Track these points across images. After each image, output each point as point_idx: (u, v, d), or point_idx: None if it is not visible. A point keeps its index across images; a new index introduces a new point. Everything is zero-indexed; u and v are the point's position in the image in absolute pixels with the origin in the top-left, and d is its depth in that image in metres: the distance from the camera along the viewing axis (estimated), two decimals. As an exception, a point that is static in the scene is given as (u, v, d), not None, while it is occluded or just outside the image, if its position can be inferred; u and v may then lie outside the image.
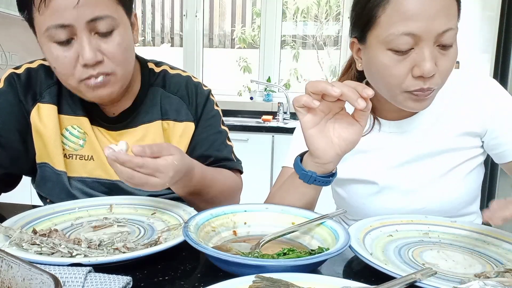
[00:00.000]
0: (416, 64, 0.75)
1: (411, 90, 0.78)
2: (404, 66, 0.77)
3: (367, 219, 0.78)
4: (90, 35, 0.78)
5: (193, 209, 0.79)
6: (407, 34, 0.74)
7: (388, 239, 0.74)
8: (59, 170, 0.91)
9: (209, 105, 1.00)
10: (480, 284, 0.48)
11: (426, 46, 0.74)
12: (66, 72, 0.80)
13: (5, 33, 2.76)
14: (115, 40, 0.80)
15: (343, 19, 3.28)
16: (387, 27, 0.76)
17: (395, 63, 0.77)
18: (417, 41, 0.74)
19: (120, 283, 0.53)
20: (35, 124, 0.90)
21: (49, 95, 0.91)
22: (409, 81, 0.77)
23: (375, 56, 0.79)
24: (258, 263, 0.54)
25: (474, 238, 0.75)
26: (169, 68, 1.01)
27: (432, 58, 0.75)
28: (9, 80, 0.90)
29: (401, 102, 0.82)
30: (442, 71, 0.77)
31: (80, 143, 0.92)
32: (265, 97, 3.34)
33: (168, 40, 4.42)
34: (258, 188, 2.88)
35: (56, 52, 0.78)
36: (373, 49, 0.80)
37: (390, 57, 0.77)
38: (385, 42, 0.76)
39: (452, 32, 0.75)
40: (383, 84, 0.82)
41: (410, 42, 0.75)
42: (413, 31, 0.73)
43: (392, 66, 0.77)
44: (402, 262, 0.67)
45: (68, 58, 0.78)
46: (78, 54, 0.78)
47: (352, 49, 0.88)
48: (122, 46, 0.81)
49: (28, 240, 0.63)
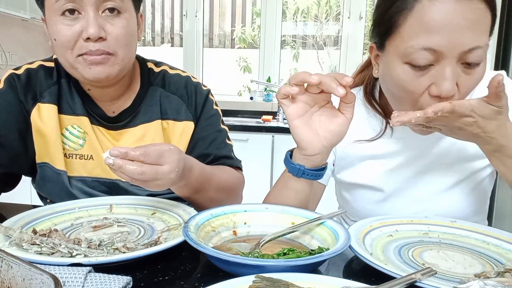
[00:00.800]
0: (435, 82, 0.69)
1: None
2: (421, 83, 0.70)
3: (367, 219, 0.78)
4: (97, 13, 0.80)
5: (193, 209, 0.79)
6: (427, 49, 0.67)
7: (388, 239, 0.74)
8: (59, 170, 0.92)
9: (209, 104, 1.01)
10: (480, 284, 0.48)
11: (448, 63, 0.67)
12: (66, 45, 0.81)
13: (5, 33, 2.76)
14: (119, 23, 0.83)
15: (343, 19, 3.28)
16: (406, 39, 0.69)
17: (412, 78, 0.70)
18: (438, 58, 0.68)
19: (120, 283, 0.53)
20: (35, 123, 0.90)
21: (49, 95, 0.91)
22: (425, 99, 0.71)
23: (392, 67, 0.73)
24: (258, 263, 0.54)
25: (474, 238, 0.75)
26: (168, 68, 1.01)
27: (454, 78, 0.68)
28: (9, 80, 0.90)
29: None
30: (463, 92, 0.70)
31: (80, 142, 0.93)
32: (265, 97, 3.34)
33: (168, 40, 4.42)
34: (258, 188, 2.88)
35: (61, 25, 0.80)
36: (390, 60, 0.74)
37: (407, 71, 0.71)
38: (403, 54, 0.70)
39: (481, 50, 0.67)
40: (398, 99, 0.77)
41: (430, 58, 0.68)
42: (434, 47, 0.67)
43: (408, 82, 0.71)
44: (402, 262, 0.67)
45: (72, 31, 0.80)
46: (83, 30, 0.80)
47: (371, 54, 0.82)
48: (126, 29, 0.83)
49: (28, 240, 0.63)
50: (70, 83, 0.93)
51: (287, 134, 2.73)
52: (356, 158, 0.92)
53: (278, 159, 2.76)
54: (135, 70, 0.96)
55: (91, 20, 0.79)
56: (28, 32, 2.97)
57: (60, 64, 0.93)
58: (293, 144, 0.78)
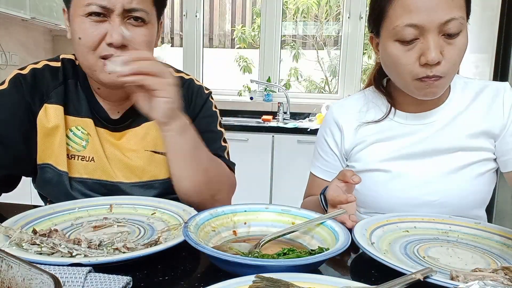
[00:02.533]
0: (422, 53, 0.81)
1: (419, 78, 0.83)
2: (411, 55, 0.83)
3: (385, 214, 0.81)
4: (122, 20, 0.82)
5: (193, 209, 0.79)
6: (410, 25, 0.81)
7: (402, 234, 0.75)
8: (61, 170, 0.91)
9: (208, 105, 1.02)
10: (480, 284, 0.48)
11: (430, 35, 0.80)
12: (90, 45, 0.82)
13: (5, 33, 2.76)
14: (143, 31, 0.84)
15: (343, 19, 3.28)
16: (393, 20, 0.83)
17: (402, 53, 0.84)
18: (421, 32, 0.81)
19: (120, 283, 0.53)
20: (42, 125, 0.90)
21: (56, 95, 0.91)
22: (417, 68, 0.83)
23: (387, 47, 0.86)
24: (258, 263, 0.54)
25: (494, 240, 0.74)
26: (173, 71, 1.01)
27: (437, 47, 0.80)
28: (15, 81, 0.90)
29: (413, 91, 0.87)
30: (448, 59, 0.82)
31: (83, 144, 0.93)
32: (265, 97, 3.34)
33: (168, 40, 4.42)
34: (258, 188, 2.89)
35: (87, 25, 0.81)
36: (385, 41, 0.87)
37: (398, 47, 0.84)
38: (392, 34, 0.84)
39: (456, 21, 0.80)
40: (396, 74, 0.89)
41: (414, 33, 0.81)
42: (415, 23, 0.80)
43: (400, 56, 0.84)
44: (404, 254, 0.67)
45: (97, 33, 0.81)
46: (107, 33, 0.81)
47: (372, 44, 0.95)
48: (148, 38, 0.85)
49: (28, 240, 0.63)
50: (77, 84, 0.93)
51: (287, 134, 2.73)
52: (363, 146, 0.98)
53: (278, 159, 2.76)
54: None
55: (116, 26, 0.81)
56: (28, 32, 2.97)
57: (66, 65, 0.93)
58: (293, 144, 0.80)
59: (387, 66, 0.91)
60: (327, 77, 3.88)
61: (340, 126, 1.01)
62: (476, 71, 2.57)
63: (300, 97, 3.46)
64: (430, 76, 0.82)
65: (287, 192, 2.68)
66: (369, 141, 0.97)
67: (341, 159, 1.03)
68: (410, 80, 0.85)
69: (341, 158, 1.03)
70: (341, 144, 1.01)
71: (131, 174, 0.94)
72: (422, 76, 0.83)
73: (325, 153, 1.04)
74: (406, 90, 0.90)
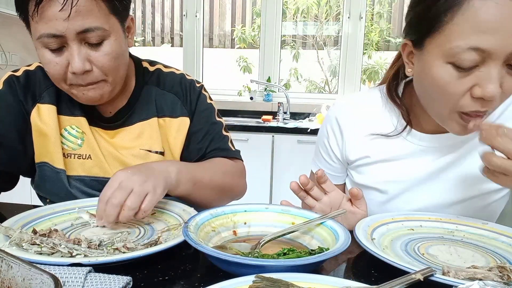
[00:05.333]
0: (478, 84, 0.66)
1: (465, 111, 0.70)
2: (464, 84, 0.68)
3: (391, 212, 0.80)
4: (81, 44, 0.80)
5: (193, 209, 0.79)
6: (476, 49, 0.64)
7: (406, 232, 0.75)
8: (58, 168, 0.92)
9: (202, 99, 1.02)
10: (480, 284, 0.48)
11: (495, 65, 0.65)
12: (58, 77, 0.83)
13: (5, 33, 2.76)
14: (104, 50, 0.81)
15: (343, 19, 3.28)
16: (452, 38, 0.66)
17: (454, 79, 0.68)
18: (485, 58, 0.65)
19: (120, 283, 0.53)
20: (35, 124, 0.91)
21: (48, 95, 0.92)
22: (466, 101, 0.69)
23: (433, 67, 0.70)
24: (258, 263, 0.54)
25: (500, 240, 0.73)
26: (163, 67, 1.03)
27: (499, 80, 0.66)
28: (8, 82, 0.92)
29: (448, 124, 0.74)
30: (505, 92, 0.68)
31: (78, 142, 0.94)
32: (265, 97, 3.34)
33: (168, 40, 4.42)
34: (258, 188, 2.89)
35: (48, 57, 0.81)
36: (431, 59, 0.70)
37: (450, 72, 0.68)
38: (447, 54, 0.67)
39: None
40: (435, 100, 0.74)
41: (476, 59, 0.65)
42: (484, 47, 0.64)
43: (450, 83, 0.68)
44: (403, 251, 0.67)
45: (60, 65, 0.81)
46: (69, 62, 0.80)
47: (404, 51, 0.79)
48: (112, 55, 0.82)
49: (28, 240, 0.63)
50: None
51: (287, 134, 2.73)
52: (367, 161, 0.91)
53: (278, 159, 2.76)
54: (130, 70, 0.97)
55: (75, 54, 0.79)
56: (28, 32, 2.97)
57: None
58: (293, 144, 0.80)
59: (425, 88, 0.75)
60: (327, 77, 3.88)
61: (342, 130, 0.92)
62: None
63: (300, 97, 3.46)
64: (480, 111, 0.68)
65: (287, 192, 2.67)
66: (374, 158, 0.89)
67: (343, 161, 0.96)
68: (450, 111, 0.71)
69: (342, 160, 0.96)
70: (343, 149, 0.93)
71: None
72: (469, 111, 0.69)
73: (326, 153, 0.99)
74: (438, 118, 0.76)
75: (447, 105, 0.71)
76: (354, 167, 0.94)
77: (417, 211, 0.84)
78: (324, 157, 0.99)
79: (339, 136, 0.94)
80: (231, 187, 0.97)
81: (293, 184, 0.76)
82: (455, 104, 0.70)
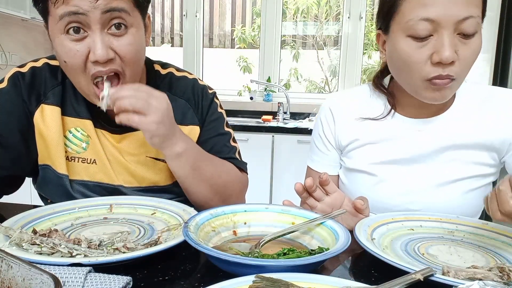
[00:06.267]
0: (435, 51, 0.77)
1: (430, 78, 0.78)
2: (423, 53, 0.78)
3: (392, 212, 0.81)
4: (103, 31, 0.77)
5: (193, 209, 0.79)
6: (425, 19, 0.76)
7: (406, 232, 0.75)
8: (60, 173, 0.90)
9: (213, 107, 1.00)
10: (480, 284, 0.48)
11: (446, 33, 0.75)
12: (77, 68, 0.79)
13: (5, 33, 2.76)
14: (128, 39, 0.79)
15: (343, 19, 3.28)
16: (407, 14, 0.78)
17: (414, 49, 0.79)
18: (436, 28, 0.76)
19: (120, 283, 0.53)
20: (38, 125, 0.89)
21: (53, 95, 0.89)
22: (428, 67, 0.78)
23: (397, 43, 0.82)
24: (258, 263, 0.54)
25: (500, 240, 0.73)
26: (175, 71, 1.00)
27: (451, 46, 0.75)
28: (14, 79, 0.88)
29: (421, 93, 0.82)
30: (462, 59, 0.77)
31: (83, 145, 0.91)
32: (265, 97, 3.34)
33: (168, 40, 4.42)
34: (258, 188, 2.89)
35: (68, 44, 0.77)
36: (395, 36, 0.82)
37: (410, 43, 0.79)
38: (405, 28, 0.79)
39: (473, 20, 0.75)
40: (404, 73, 0.83)
41: (429, 28, 0.76)
42: (431, 17, 0.75)
43: (412, 53, 0.79)
44: (403, 251, 0.67)
45: (80, 52, 0.77)
46: (90, 50, 0.77)
47: (378, 41, 0.91)
48: (134, 46, 0.81)
49: (28, 240, 0.63)
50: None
51: (287, 134, 2.73)
52: (357, 144, 0.96)
53: (278, 159, 2.76)
54: (142, 73, 0.94)
55: (98, 40, 0.76)
56: (28, 32, 2.97)
57: None
58: (293, 144, 0.80)
59: (395, 64, 0.85)
60: (327, 77, 3.88)
61: (335, 116, 0.98)
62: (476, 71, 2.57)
63: (300, 97, 3.46)
64: (442, 76, 0.77)
65: (287, 192, 2.68)
66: (363, 141, 0.94)
67: (337, 148, 1.00)
68: (420, 81, 0.80)
69: (336, 147, 1.00)
70: (336, 134, 0.98)
71: (131, 178, 0.93)
72: (433, 76, 0.78)
73: (321, 143, 1.02)
74: (413, 92, 0.84)
75: (414, 74, 0.81)
76: (346, 153, 0.98)
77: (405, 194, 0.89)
78: (320, 147, 1.02)
79: (331, 123, 1.00)
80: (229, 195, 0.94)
81: (298, 185, 0.77)
82: (420, 73, 0.80)
